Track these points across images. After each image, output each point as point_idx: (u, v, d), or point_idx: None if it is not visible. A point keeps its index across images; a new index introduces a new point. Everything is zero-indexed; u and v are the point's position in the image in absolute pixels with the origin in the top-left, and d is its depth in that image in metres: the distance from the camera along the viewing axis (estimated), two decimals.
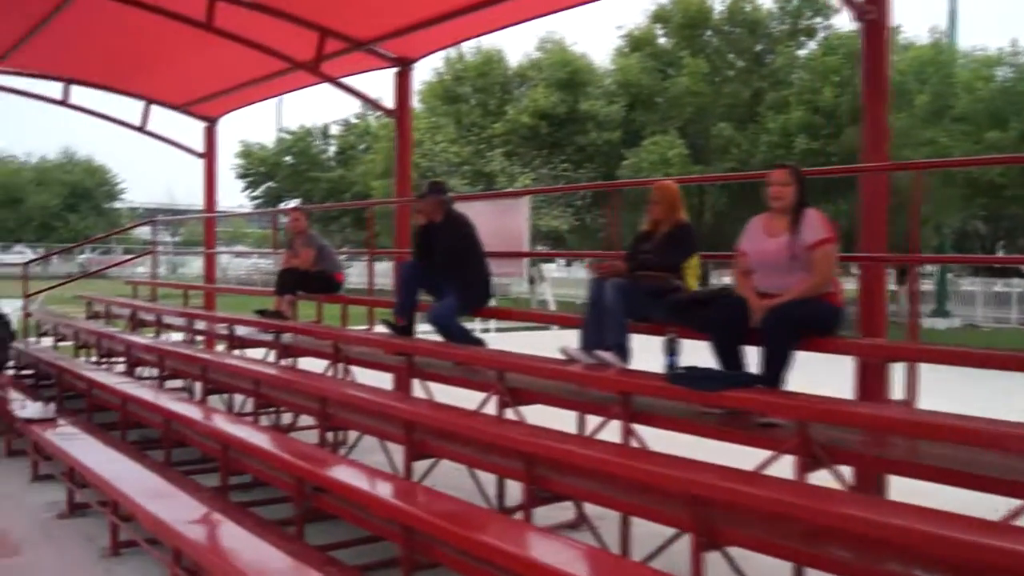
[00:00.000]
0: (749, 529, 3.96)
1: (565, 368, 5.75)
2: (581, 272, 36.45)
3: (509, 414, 5.93)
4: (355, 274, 32.91)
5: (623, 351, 5.66)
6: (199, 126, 14.79)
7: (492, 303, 7.71)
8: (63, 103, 13.52)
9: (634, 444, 5.13)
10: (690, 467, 4.29)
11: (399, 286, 7.65)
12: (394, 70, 10.80)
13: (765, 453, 4.61)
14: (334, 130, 46.65)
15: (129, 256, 30.25)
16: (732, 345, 5.12)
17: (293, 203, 43.68)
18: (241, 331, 9.70)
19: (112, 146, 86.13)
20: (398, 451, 6.17)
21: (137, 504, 5.36)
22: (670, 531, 4.61)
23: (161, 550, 5.19)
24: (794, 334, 4.91)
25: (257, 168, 46.08)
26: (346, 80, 11.24)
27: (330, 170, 43.36)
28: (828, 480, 4.34)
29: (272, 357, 9.07)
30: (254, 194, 46.70)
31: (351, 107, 49.24)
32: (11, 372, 10.59)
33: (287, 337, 8.92)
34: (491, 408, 6.09)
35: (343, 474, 5.30)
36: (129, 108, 14.20)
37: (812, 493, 3.91)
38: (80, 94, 13.55)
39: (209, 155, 15.28)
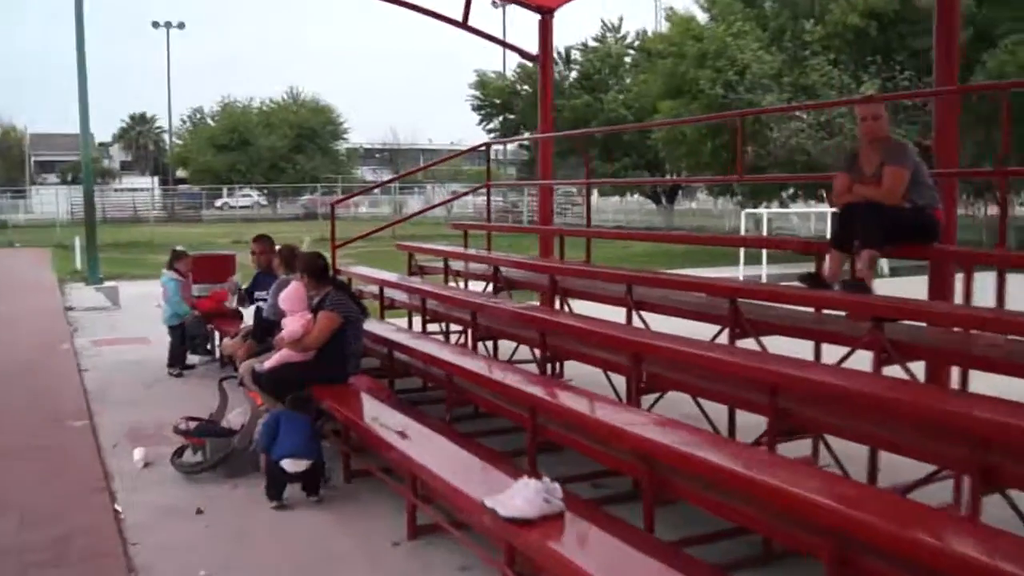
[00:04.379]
0: None
1: None
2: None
3: None
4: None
5: None
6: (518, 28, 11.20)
7: None
8: None
9: None
10: None
11: None
12: None
13: None
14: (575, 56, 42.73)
15: (454, 196, 28.28)
16: None
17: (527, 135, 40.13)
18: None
19: (334, 87, 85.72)
20: None
21: None
22: None
23: None
24: None
25: (492, 99, 42.75)
26: None
27: (574, 98, 39.24)
28: None
29: (846, 360, 5.02)
30: (488, 127, 43.57)
31: (589, 31, 44.75)
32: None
33: (897, 329, 4.85)
34: None
35: None
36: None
37: None
38: None
39: (544, 56, 11.80)
